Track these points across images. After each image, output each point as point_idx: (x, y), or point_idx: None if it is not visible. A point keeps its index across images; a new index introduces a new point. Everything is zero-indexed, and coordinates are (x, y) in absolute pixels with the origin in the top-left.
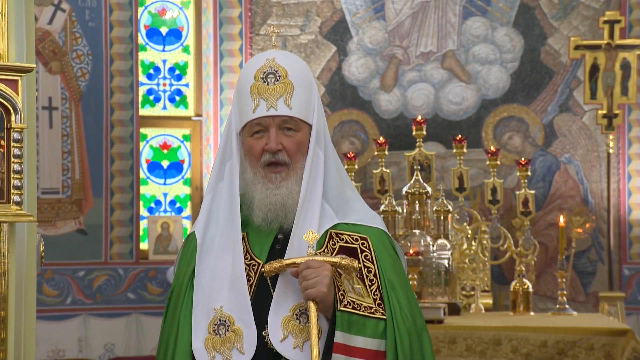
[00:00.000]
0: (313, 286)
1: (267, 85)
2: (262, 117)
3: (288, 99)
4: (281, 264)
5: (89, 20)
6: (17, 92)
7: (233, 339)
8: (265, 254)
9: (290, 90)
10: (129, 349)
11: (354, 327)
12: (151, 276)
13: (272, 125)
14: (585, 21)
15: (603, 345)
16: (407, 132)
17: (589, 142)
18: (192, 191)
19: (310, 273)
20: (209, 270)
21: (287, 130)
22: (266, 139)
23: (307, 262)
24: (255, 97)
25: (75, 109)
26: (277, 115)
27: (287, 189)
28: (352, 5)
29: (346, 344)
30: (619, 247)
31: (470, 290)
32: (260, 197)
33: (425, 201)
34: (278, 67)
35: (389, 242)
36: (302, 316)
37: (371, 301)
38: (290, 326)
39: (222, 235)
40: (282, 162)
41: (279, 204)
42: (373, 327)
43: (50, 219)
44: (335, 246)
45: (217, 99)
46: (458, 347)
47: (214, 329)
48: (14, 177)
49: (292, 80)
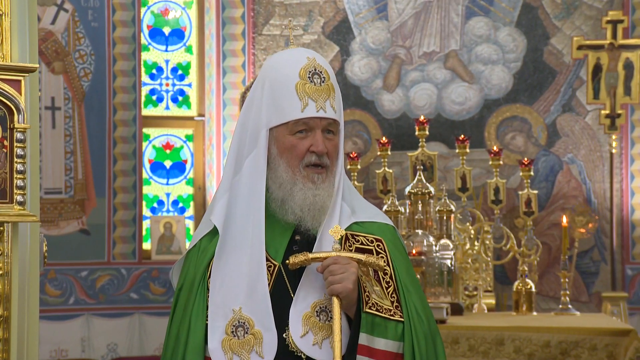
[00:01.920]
0: (339, 282)
1: (315, 85)
2: (311, 118)
3: (333, 101)
4: (307, 257)
5: (92, 21)
6: (20, 92)
7: (252, 342)
8: (281, 255)
9: (333, 93)
10: (132, 349)
11: (376, 329)
12: (154, 276)
13: (318, 127)
14: (588, 21)
15: (606, 345)
16: (409, 132)
17: (592, 142)
18: (195, 191)
19: (337, 268)
20: (227, 269)
21: (328, 133)
22: (311, 139)
23: (335, 258)
24: (303, 96)
25: (78, 109)
26: (325, 118)
27: (326, 191)
28: (355, 5)
29: (370, 345)
30: (622, 247)
31: (473, 290)
32: (300, 196)
33: (428, 201)
34: (321, 68)
35: (399, 241)
36: (322, 313)
37: (389, 303)
38: (310, 322)
39: (240, 233)
40: (325, 165)
41: (318, 205)
42: (393, 329)
43: (53, 219)
44: (352, 248)
45: (219, 99)
46: (461, 347)
47: (232, 330)
48: (16, 177)
49: (332, 83)
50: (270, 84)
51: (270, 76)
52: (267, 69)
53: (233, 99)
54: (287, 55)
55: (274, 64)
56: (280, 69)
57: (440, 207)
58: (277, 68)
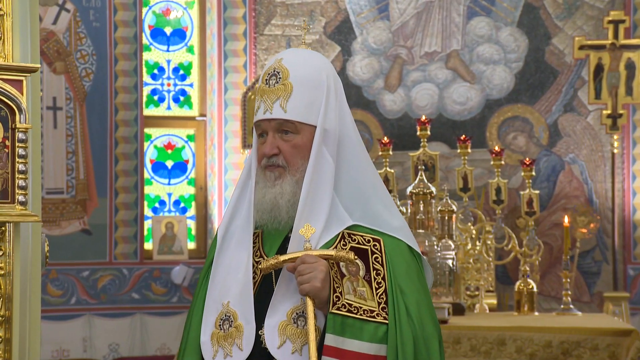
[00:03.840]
0: (307, 281)
1: (268, 87)
2: (261, 120)
3: (284, 101)
4: (277, 260)
5: (94, 21)
6: (22, 93)
7: (234, 335)
8: (274, 252)
9: (288, 92)
10: (134, 349)
11: (348, 330)
12: (155, 276)
13: (269, 129)
14: (590, 21)
15: (607, 345)
16: (411, 132)
17: (594, 142)
18: (197, 191)
19: (305, 268)
20: (225, 264)
21: (285, 134)
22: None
23: (303, 257)
24: (258, 99)
25: (79, 109)
26: (273, 119)
27: (281, 188)
28: (356, 5)
29: (338, 347)
30: (624, 247)
31: (475, 291)
32: (257, 196)
33: (430, 201)
34: (281, 68)
35: (409, 251)
36: (299, 319)
37: (374, 304)
38: (287, 331)
39: (241, 230)
40: (277, 166)
41: (269, 204)
42: (372, 331)
43: (54, 219)
44: (346, 247)
45: (221, 99)
46: (462, 347)
47: (220, 323)
48: (18, 177)
49: (292, 81)
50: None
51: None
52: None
53: (235, 99)
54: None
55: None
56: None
57: (441, 207)
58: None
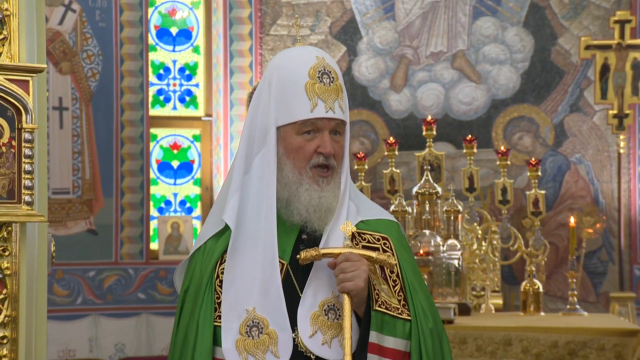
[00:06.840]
0: (351, 279)
1: (324, 85)
2: (319, 118)
3: (341, 102)
4: (317, 252)
5: (100, 21)
6: (28, 93)
7: (267, 342)
8: (288, 254)
9: (341, 93)
10: (139, 349)
11: (386, 327)
12: (161, 276)
13: (326, 128)
14: (596, 21)
15: (614, 345)
16: (417, 132)
17: (600, 142)
18: (202, 191)
19: (348, 266)
20: (239, 269)
21: (335, 134)
22: (318, 140)
23: (347, 255)
24: (313, 96)
25: (85, 109)
26: (333, 119)
27: (332, 192)
28: (362, 5)
29: (380, 344)
30: (630, 248)
31: (481, 291)
32: (305, 197)
33: (436, 201)
34: (330, 68)
35: (404, 238)
36: (330, 312)
37: (396, 302)
38: (319, 322)
39: (252, 232)
40: (331, 166)
41: (324, 207)
42: (401, 327)
43: (60, 219)
44: (358, 246)
45: (227, 99)
46: (468, 348)
47: (246, 330)
48: (24, 178)
49: (340, 83)
50: (278, 82)
51: (278, 74)
52: (275, 67)
53: (240, 99)
54: (296, 54)
55: (282, 62)
56: (289, 68)
57: (447, 207)
58: (285, 66)
